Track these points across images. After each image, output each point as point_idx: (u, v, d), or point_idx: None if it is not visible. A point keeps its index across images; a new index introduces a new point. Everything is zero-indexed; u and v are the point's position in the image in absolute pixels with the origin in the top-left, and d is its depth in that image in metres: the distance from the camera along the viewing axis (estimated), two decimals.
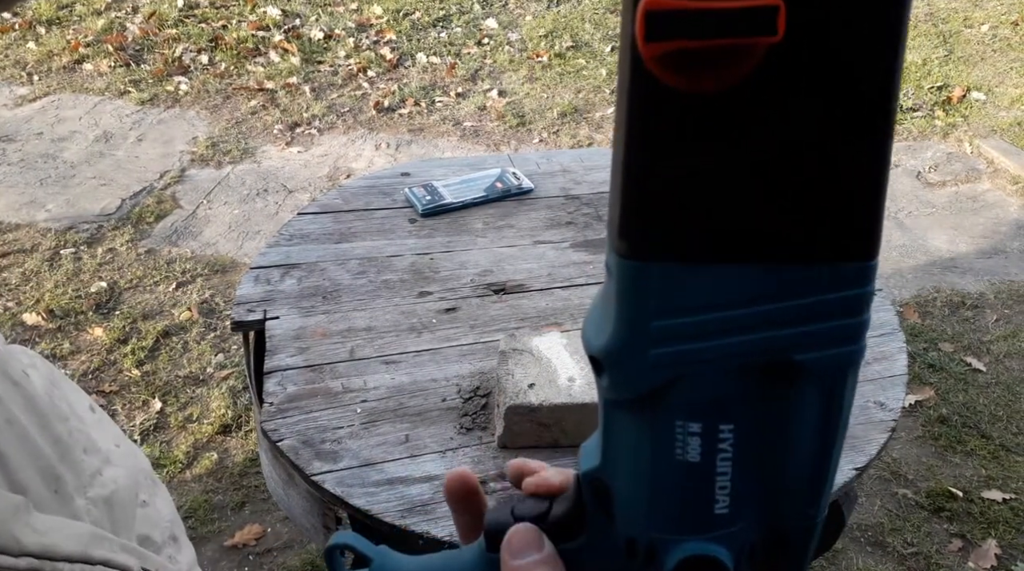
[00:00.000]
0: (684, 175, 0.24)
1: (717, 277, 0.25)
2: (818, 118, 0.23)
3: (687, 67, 0.22)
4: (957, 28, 4.01)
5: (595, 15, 4.10)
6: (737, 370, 0.26)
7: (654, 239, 0.25)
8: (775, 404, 0.26)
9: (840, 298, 0.25)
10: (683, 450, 0.27)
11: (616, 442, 0.28)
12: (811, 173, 0.24)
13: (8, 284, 2.35)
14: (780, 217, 0.24)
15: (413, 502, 0.88)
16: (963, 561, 1.71)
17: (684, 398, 0.26)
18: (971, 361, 2.21)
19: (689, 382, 0.26)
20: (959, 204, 2.91)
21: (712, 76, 0.22)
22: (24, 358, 0.52)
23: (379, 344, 1.10)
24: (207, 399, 2.01)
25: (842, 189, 0.24)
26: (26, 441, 0.46)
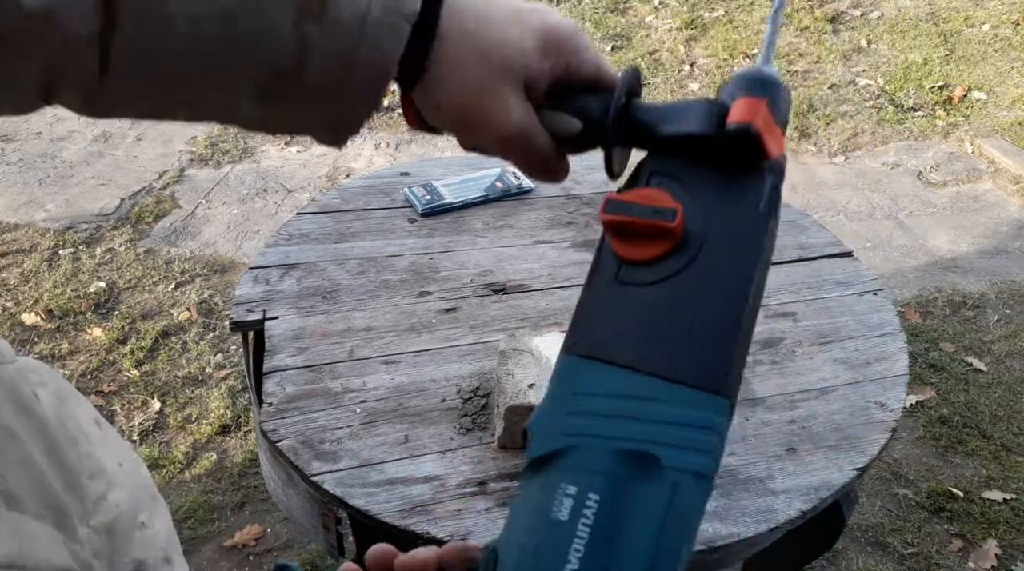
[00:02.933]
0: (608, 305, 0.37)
1: (612, 376, 0.35)
2: (698, 290, 0.36)
3: (624, 237, 0.38)
4: (958, 27, 4.00)
5: (595, 14, 4.09)
6: (612, 452, 0.33)
7: (581, 342, 0.37)
8: (633, 490, 0.33)
9: (694, 415, 0.34)
10: (558, 508, 0.33)
11: (515, 508, 0.35)
12: (686, 324, 0.35)
13: (7, 284, 2.34)
14: (662, 345, 0.35)
15: (413, 502, 0.88)
16: (963, 561, 1.71)
17: (571, 464, 0.34)
18: (972, 361, 2.20)
19: (579, 452, 0.34)
20: (960, 204, 2.91)
21: (639, 249, 0.37)
22: (33, 376, 0.52)
23: (379, 344, 1.09)
24: (206, 399, 2.01)
25: (705, 340, 0.35)
26: (38, 481, 0.47)
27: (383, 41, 0.38)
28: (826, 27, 4.00)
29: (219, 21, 0.37)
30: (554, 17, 0.42)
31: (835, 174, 3.06)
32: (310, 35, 0.38)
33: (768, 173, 0.38)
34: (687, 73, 3.66)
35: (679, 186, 0.38)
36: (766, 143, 0.37)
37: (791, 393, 1.04)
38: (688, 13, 4.09)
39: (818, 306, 1.20)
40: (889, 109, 3.41)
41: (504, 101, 0.41)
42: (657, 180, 0.39)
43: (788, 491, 0.91)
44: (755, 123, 0.37)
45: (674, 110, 0.40)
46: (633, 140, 0.42)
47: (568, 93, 0.43)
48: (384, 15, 0.38)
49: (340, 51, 0.38)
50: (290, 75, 0.39)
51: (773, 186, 0.38)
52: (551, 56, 0.42)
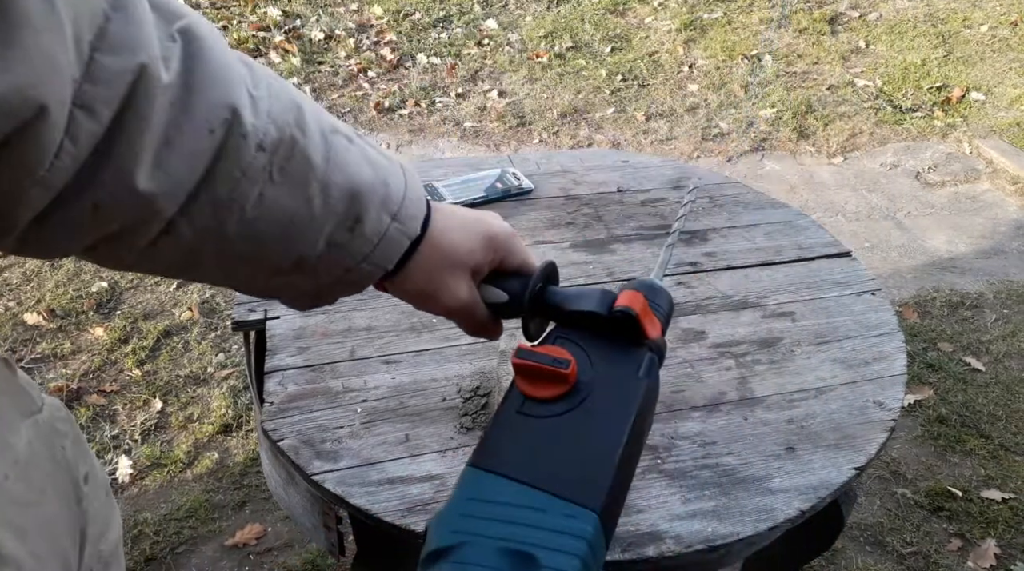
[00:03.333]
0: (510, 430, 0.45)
1: (503, 486, 0.42)
2: (582, 426, 0.45)
3: (528, 378, 0.47)
4: (956, 28, 4.01)
5: (595, 16, 4.10)
6: (497, 550, 0.39)
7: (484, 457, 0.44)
8: None
9: (568, 525, 0.40)
10: None
11: None
12: (570, 451, 0.44)
13: (9, 284, 2.35)
14: (548, 466, 0.43)
15: (413, 501, 0.88)
16: (962, 560, 1.71)
17: (461, 559, 0.39)
18: (970, 361, 2.21)
19: (467, 548, 0.39)
20: (958, 204, 2.91)
21: (539, 388, 0.46)
22: (61, 426, 0.54)
23: (379, 344, 1.10)
24: (208, 399, 2.01)
25: (584, 465, 0.43)
26: (57, 539, 0.49)
27: (389, 251, 0.51)
28: (825, 28, 4.00)
29: (278, 221, 0.45)
30: (496, 225, 0.56)
31: (833, 174, 3.06)
32: (339, 240, 0.48)
33: (648, 349, 0.50)
34: (686, 74, 3.67)
35: (577, 347, 0.50)
36: (644, 325, 0.49)
37: (789, 393, 1.05)
38: (687, 15, 4.10)
39: (816, 306, 1.21)
40: (887, 110, 3.42)
41: (453, 287, 0.54)
42: (561, 341, 0.51)
43: (787, 490, 0.91)
44: (634, 308, 0.49)
45: (576, 294, 0.53)
46: (545, 314, 0.56)
47: (500, 276, 0.58)
48: (396, 234, 0.51)
49: (356, 254, 0.50)
50: (310, 263, 0.49)
51: (651, 359, 0.50)
52: (491, 252, 0.56)
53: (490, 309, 0.58)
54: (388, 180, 0.50)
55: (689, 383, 1.05)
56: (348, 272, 0.50)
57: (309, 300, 0.53)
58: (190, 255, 0.45)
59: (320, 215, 0.46)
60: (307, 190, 0.45)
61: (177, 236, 0.42)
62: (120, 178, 0.38)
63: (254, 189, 0.43)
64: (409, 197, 0.51)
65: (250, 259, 0.47)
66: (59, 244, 0.41)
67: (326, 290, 0.52)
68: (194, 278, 0.49)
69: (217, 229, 0.43)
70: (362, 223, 0.48)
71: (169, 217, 0.41)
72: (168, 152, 0.39)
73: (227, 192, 0.42)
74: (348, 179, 0.47)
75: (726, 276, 1.26)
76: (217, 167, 0.41)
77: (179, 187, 0.40)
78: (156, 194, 0.39)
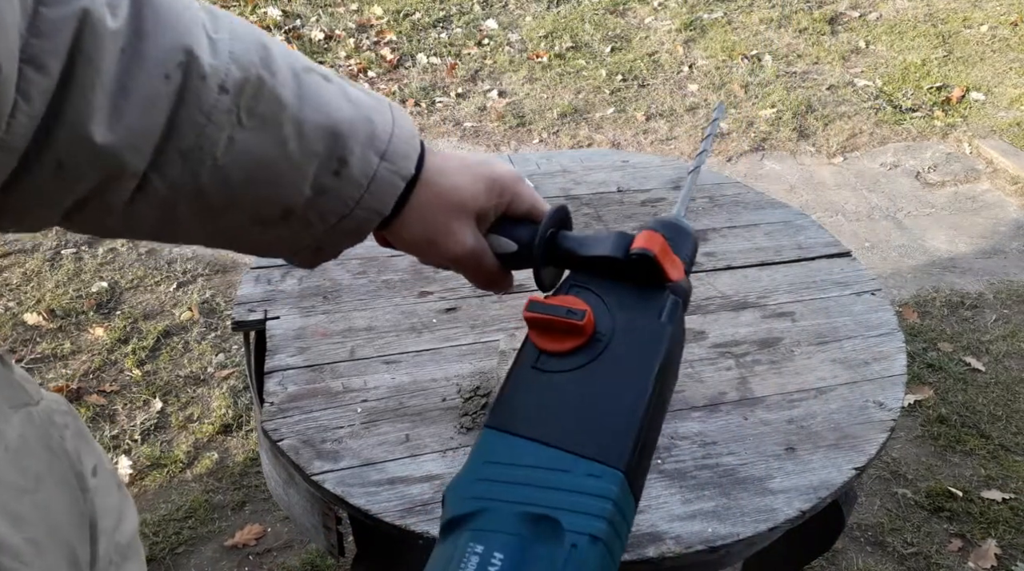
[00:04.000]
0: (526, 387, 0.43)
1: (521, 447, 0.40)
2: (602, 379, 0.42)
3: (542, 331, 0.44)
4: (956, 28, 4.01)
5: (595, 16, 4.10)
6: (518, 514, 0.37)
7: (499, 417, 0.42)
8: (535, 550, 0.36)
9: (592, 484, 0.38)
10: (464, 566, 0.36)
11: (428, 567, 0.38)
12: (591, 407, 0.41)
13: (9, 284, 2.35)
14: (568, 423, 0.40)
15: (413, 502, 0.88)
16: (963, 561, 1.71)
17: (480, 525, 0.37)
18: (970, 361, 2.21)
19: (487, 514, 0.38)
20: (958, 204, 2.91)
21: (554, 342, 0.44)
22: (59, 418, 0.53)
23: (379, 344, 1.10)
24: (208, 399, 2.01)
25: (606, 421, 0.41)
26: (58, 527, 0.48)
27: (382, 194, 0.48)
28: (825, 28, 4.00)
29: (253, 168, 0.43)
30: (499, 168, 0.53)
31: (833, 174, 3.06)
32: (326, 185, 0.46)
33: (670, 292, 0.47)
34: (686, 74, 3.67)
35: (593, 296, 0.47)
36: (664, 266, 0.46)
37: (790, 393, 1.05)
38: (687, 15, 4.10)
39: (816, 306, 1.21)
40: (887, 110, 3.42)
41: (457, 233, 0.52)
42: (576, 290, 0.47)
43: (787, 491, 0.91)
44: (652, 249, 0.46)
45: (591, 239, 0.50)
46: (558, 261, 0.52)
47: (508, 223, 0.54)
48: (387, 174, 0.47)
49: (347, 198, 0.47)
50: (298, 211, 0.46)
51: (675, 302, 0.46)
52: (495, 196, 0.53)
53: (499, 260, 0.55)
54: (372, 117, 0.47)
55: (689, 383, 1.05)
56: (342, 220, 0.47)
57: (310, 254, 0.50)
58: (170, 213, 0.43)
59: (298, 158, 0.44)
60: (280, 132, 0.43)
61: (152, 194, 0.41)
62: (78, 133, 0.37)
63: (222, 134, 0.41)
64: (398, 135, 0.48)
65: (232, 211, 0.44)
66: (34, 213, 0.40)
67: (325, 242, 0.49)
68: (183, 239, 0.47)
69: (192, 182, 0.42)
70: (348, 165, 0.45)
71: (138, 172, 0.40)
72: (124, 102, 0.38)
73: (194, 139, 0.40)
74: (325, 117, 0.44)
75: (726, 276, 1.26)
76: (179, 114, 0.40)
77: (141, 139, 0.39)
78: (117, 147, 0.38)
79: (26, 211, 0.40)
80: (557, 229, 0.53)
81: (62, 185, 0.39)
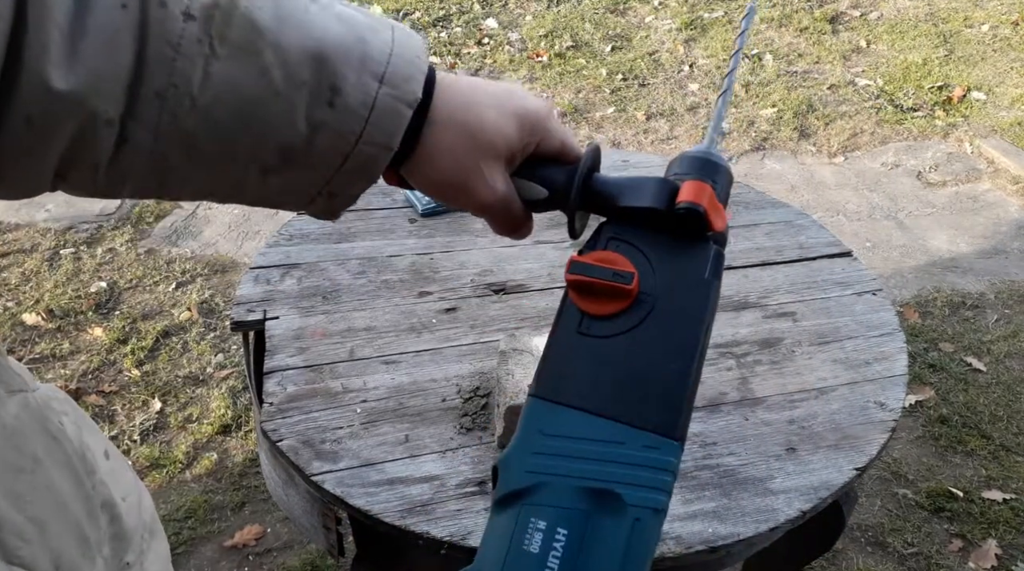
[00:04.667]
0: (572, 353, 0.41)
1: (575, 419, 0.39)
2: (652, 343, 0.40)
3: (586, 294, 0.42)
4: (957, 28, 4.01)
5: (595, 15, 4.10)
6: (578, 489, 0.37)
7: (544, 386, 0.40)
8: (599, 524, 0.37)
9: (651, 457, 0.38)
10: (529, 541, 0.37)
11: (489, 538, 0.38)
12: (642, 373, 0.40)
13: (8, 284, 2.35)
14: (621, 392, 0.39)
15: (413, 502, 0.88)
16: (963, 561, 1.71)
17: (540, 500, 0.37)
18: (971, 361, 2.20)
19: (546, 489, 0.37)
20: (959, 204, 2.91)
21: (599, 305, 0.41)
22: (56, 405, 0.53)
23: (379, 344, 1.10)
24: (207, 399, 2.01)
25: (659, 387, 0.39)
26: (63, 506, 0.48)
27: (386, 125, 0.42)
28: (825, 27, 4.00)
29: (237, 105, 0.39)
30: (530, 101, 0.48)
31: (834, 174, 3.06)
32: (321, 118, 0.41)
33: (712, 243, 0.44)
34: (686, 74, 3.66)
35: (634, 251, 0.44)
36: (711, 220, 0.43)
37: (790, 393, 1.05)
38: (688, 14, 4.09)
39: (817, 306, 1.20)
40: (888, 109, 3.41)
41: (488, 176, 0.46)
42: (615, 245, 0.44)
43: (788, 491, 0.91)
44: (702, 204, 0.42)
45: (630, 185, 0.46)
46: (593, 208, 0.48)
47: (537, 164, 0.49)
48: (389, 101, 0.42)
49: (347, 132, 0.42)
50: (298, 152, 0.42)
51: (717, 254, 0.44)
52: (527, 134, 0.47)
53: (524, 205, 0.50)
54: (366, 37, 0.42)
55: None
56: (348, 159, 0.43)
57: (324, 202, 0.45)
58: (160, 164, 0.40)
59: (285, 90, 0.40)
60: (260, 60, 0.39)
61: (136, 145, 0.39)
62: (38, 80, 0.35)
63: (195, 69, 0.38)
64: (398, 54, 0.42)
65: (225, 158, 0.41)
66: (22, 175, 0.39)
67: (336, 186, 0.44)
68: (189, 193, 0.44)
69: (175, 126, 0.39)
70: (342, 93, 0.41)
71: (112, 120, 0.37)
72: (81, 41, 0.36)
73: (165, 77, 0.37)
74: (310, 39, 0.40)
75: (727, 276, 1.26)
76: (145, 50, 0.37)
77: (105, 80, 0.36)
78: (79, 92, 0.36)
79: (13, 174, 0.38)
80: (590, 173, 0.49)
81: (37, 141, 0.37)
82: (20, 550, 0.42)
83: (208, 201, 0.45)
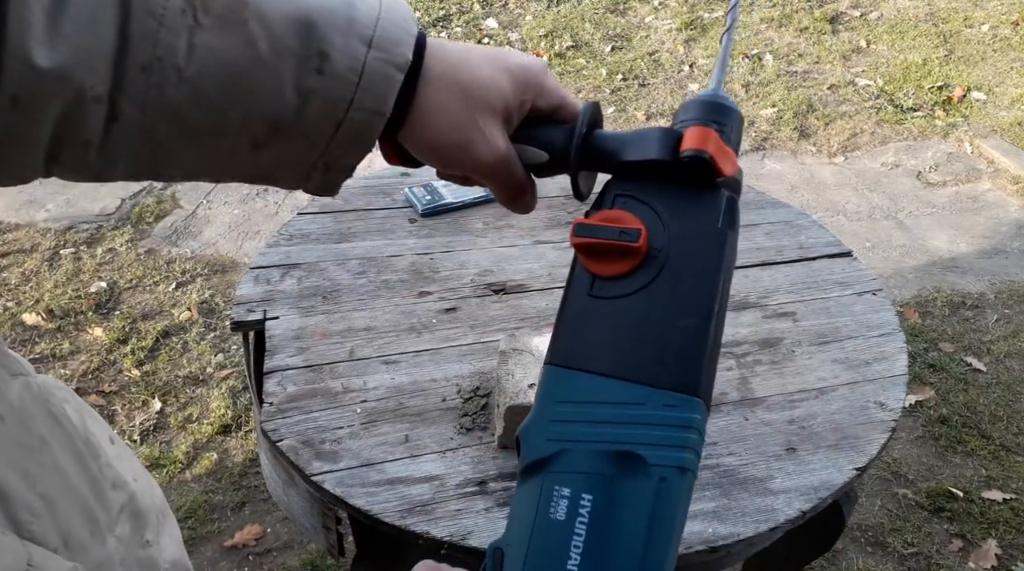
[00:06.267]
0: (584, 317, 0.40)
1: (592, 383, 0.38)
2: (666, 300, 0.39)
3: (594, 256, 0.40)
4: (957, 28, 4.01)
5: (595, 15, 4.10)
6: (600, 453, 0.37)
7: (561, 352, 0.40)
8: (623, 487, 0.36)
9: (672, 416, 0.37)
10: (555, 509, 0.36)
11: (515, 510, 0.38)
12: (658, 332, 0.38)
13: (8, 284, 2.35)
14: (636, 352, 0.38)
15: (413, 502, 0.88)
16: (963, 561, 1.71)
17: (563, 467, 0.37)
18: (971, 361, 2.20)
19: (568, 456, 0.37)
20: (959, 204, 2.91)
21: (608, 265, 0.40)
22: (58, 392, 0.53)
23: (379, 344, 1.10)
24: (207, 399, 2.01)
25: (676, 345, 0.38)
26: (70, 486, 0.48)
27: (377, 90, 0.41)
28: (825, 28, 4.00)
29: (224, 76, 0.39)
30: (523, 57, 0.46)
31: (834, 174, 3.06)
32: (310, 86, 0.40)
33: (723, 190, 0.42)
34: (686, 74, 3.66)
35: (642, 206, 0.42)
36: (719, 165, 0.41)
37: (790, 393, 1.05)
38: (688, 14, 4.09)
39: (817, 306, 1.20)
40: (888, 109, 3.41)
41: (488, 133, 0.45)
42: (621, 201, 0.42)
43: (788, 491, 0.91)
44: (707, 149, 0.40)
45: (632, 138, 0.44)
46: (596, 165, 0.46)
47: (535, 127, 0.47)
48: (379, 65, 0.41)
49: (337, 100, 0.41)
50: (288, 123, 0.41)
51: (729, 201, 0.42)
52: (521, 91, 0.46)
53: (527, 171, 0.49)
54: (352, 1, 0.41)
55: None
56: (340, 127, 0.42)
57: (320, 176, 0.45)
58: (150, 141, 0.40)
59: (271, 59, 0.39)
60: (245, 30, 0.39)
61: (126, 121, 0.38)
62: (22, 58, 0.35)
63: (179, 40, 0.38)
64: (386, 17, 0.42)
65: (215, 131, 0.40)
66: (13, 160, 0.38)
67: (330, 158, 0.43)
68: (182, 173, 0.43)
69: (162, 101, 0.38)
70: (330, 59, 0.40)
71: (100, 97, 0.37)
72: (63, 17, 0.36)
73: (150, 50, 0.37)
74: (295, 5, 0.40)
75: None
76: (128, 24, 0.37)
77: (89, 55, 0.36)
78: (64, 68, 0.36)
79: (5, 160, 0.38)
80: (590, 130, 0.47)
81: (25, 121, 0.37)
82: (32, 524, 0.42)
83: (203, 180, 0.45)
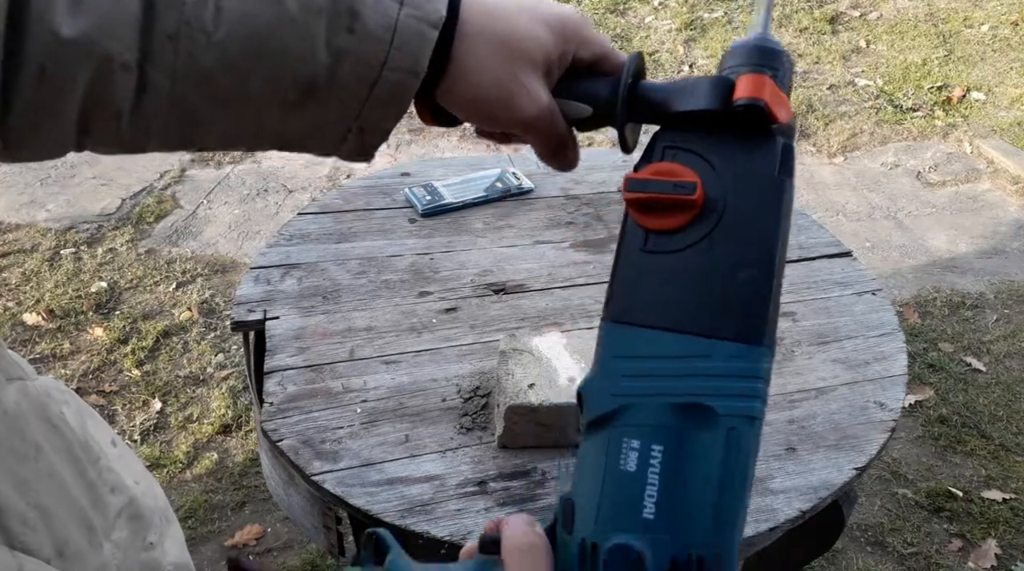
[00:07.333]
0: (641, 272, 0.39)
1: (655, 338, 0.38)
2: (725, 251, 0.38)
3: (648, 211, 0.39)
4: (957, 28, 4.01)
5: (595, 15, 4.10)
6: (668, 406, 0.36)
7: (618, 308, 0.39)
8: (693, 437, 0.36)
9: (738, 366, 0.36)
10: (625, 461, 0.36)
11: (583, 464, 0.38)
12: (719, 283, 0.38)
13: (8, 284, 2.35)
14: (698, 305, 0.38)
15: (413, 502, 0.88)
16: (963, 561, 1.71)
17: (630, 421, 0.37)
18: (971, 361, 2.21)
19: (634, 410, 0.37)
20: (959, 204, 2.91)
21: (663, 220, 0.39)
22: (57, 395, 0.53)
23: (379, 344, 1.10)
24: (207, 399, 2.01)
25: (739, 295, 0.37)
26: (66, 493, 0.48)
27: (412, 48, 0.40)
28: (825, 28, 4.00)
29: (253, 37, 0.38)
30: (563, 8, 0.45)
31: (834, 174, 3.06)
32: (342, 46, 0.40)
33: (778, 137, 0.41)
34: (686, 74, 3.66)
35: (694, 157, 0.40)
36: (774, 112, 0.39)
37: (790, 393, 1.05)
38: (688, 14, 4.10)
39: (817, 306, 1.21)
40: (888, 109, 3.42)
41: (529, 86, 0.43)
42: (672, 153, 0.41)
43: (787, 491, 0.91)
44: (763, 97, 0.39)
45: (681, 88, 0.42)
46: (644, 117, 0.45)
47: (576, 80, 0.46)
48: (412, 23, 0.40)
49: (371, 59, 0.40)
50: (321, 84, 0.40)
51: (785, 147, 0.41)
52: (562, 42, 0.44)
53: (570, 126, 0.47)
54: None
55: None
56: (374, 87, 0.41)
57: (356, 140, 0.44)
58: (181, 108, 0.39)
59: (301, 18, 0.39)
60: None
61: (156, 91, 0.38)
62: (47, 29, 0.35)
63: (206, 5, 0.37)
64: None
65: (247, 95, 0.40)
66: (45, 133, 0.38)
67: (366, 120, 0.42)
68: (216, 141, 0.43)
69: (193, 67, 0.38)
70: (361, 17, 0.39)
71: (129, 65, 0.37)
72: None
73: (177, 14, 0.37)
74: None
75: None
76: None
77: (114, 23, 0.36)
78: (89, 37, 0.36)
79: (37, 134, 0.38)
80: (636, 80, 0.45)
81: (54, 92, 0.37)
82: (23, 536, 0.42)
83: (236, 149, 0.45)
